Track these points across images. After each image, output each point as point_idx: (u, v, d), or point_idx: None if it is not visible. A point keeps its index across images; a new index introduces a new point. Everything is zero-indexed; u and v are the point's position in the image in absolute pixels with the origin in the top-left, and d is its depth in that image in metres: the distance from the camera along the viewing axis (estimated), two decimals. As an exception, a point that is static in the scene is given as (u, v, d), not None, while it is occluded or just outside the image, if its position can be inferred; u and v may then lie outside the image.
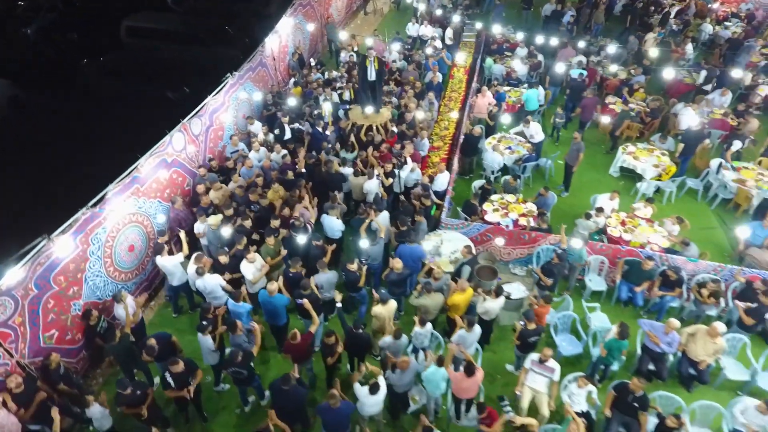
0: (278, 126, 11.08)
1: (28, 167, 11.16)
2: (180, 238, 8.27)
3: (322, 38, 16.89)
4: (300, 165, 9.79)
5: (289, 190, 9.23)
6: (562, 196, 10.92)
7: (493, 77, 14.27)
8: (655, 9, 17.96)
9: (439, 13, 16.69)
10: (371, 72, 10.07)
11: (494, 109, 12.13)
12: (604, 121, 11.79)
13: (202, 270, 7.52)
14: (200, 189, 9.12)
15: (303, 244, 8.22)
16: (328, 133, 10.83)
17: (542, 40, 14.09)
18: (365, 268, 7.91)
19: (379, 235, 8.22)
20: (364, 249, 8.13)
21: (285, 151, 10.11)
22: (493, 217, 9.46)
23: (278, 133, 11.03)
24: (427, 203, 9.13)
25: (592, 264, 8.67)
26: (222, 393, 7.59)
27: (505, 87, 13.50)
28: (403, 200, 9.42)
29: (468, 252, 7.98)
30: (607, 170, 11.59)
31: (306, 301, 7.08)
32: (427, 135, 11.15)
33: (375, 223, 8.32)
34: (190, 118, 9.42)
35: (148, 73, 13.57)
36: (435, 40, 14.96)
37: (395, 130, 10.87)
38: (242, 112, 11.44)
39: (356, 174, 9.52)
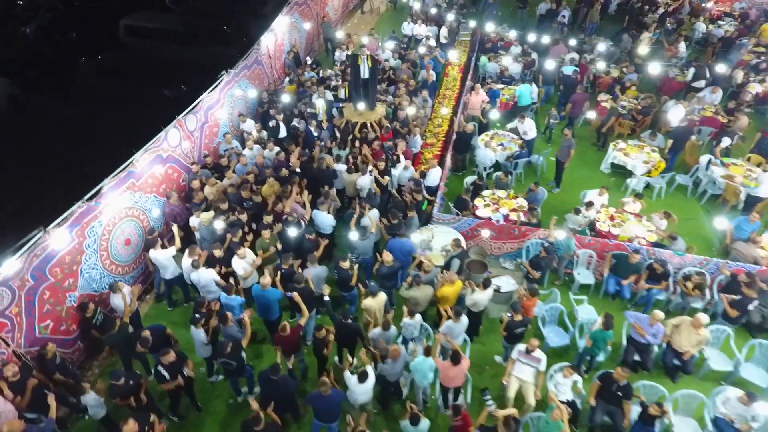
0: (273, 124, 11.20)
1: (27, 163, 11.30)
2: (173, 232, 8.41)
3: (318, 37, 17.03)
4: (294, 163, 9.94)
5: (283, 186, 9.37)
6: (553, 192, 11.06)
7: (488, 75, 14.42)
8: (650, 8, 18.09)
9: (434, 11, 16.84)
10: (364, 70, 10.20)
11: (487, 107, 12.27)
12: (590, 116, 11.91)
13: (198, 263, 7.66)
14: (195, 185, 9.25)
15: (296, 238, 8.38)
16: (321, 130, 10.96)
17: (538, 39, 14.24)
18: (356, 266, 8.00)
19: (369, 230, 8.35)
20: (354, 242, 8.26)
21: (278, 149, 10.25)
22: (484, 213, 9.60)
23: (273, 130, 11.16)
24: (419, 198, 9.27)
25: (580, 258, 8.81)
26: (215, 384, 7.73)
27: (499, 85, 13.63)
28: (394, 195, 9.54)
29: (457, 245, 8.12)
30: (598, 167, 11.73)
31: (295, 294, 7.20)
32: (420, 132, 11.28)
33: (366, 219, 8.45)
34: (185, 114, 9.56)
35: (146, 71, 13.68)
36: (429, 39, 15.10)
37: (389, 127, 11.01)
38: (238, 110, 11.59)
39: (349, 171, 9.65)
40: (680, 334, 7.24)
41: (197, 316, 7.02)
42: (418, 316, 7.27)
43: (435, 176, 9.97)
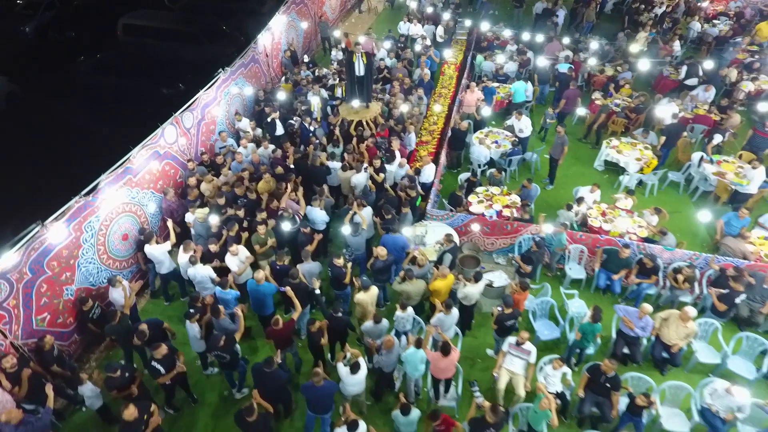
0: (268, 122, 11.29)
1: (25, 159, 11.41)
2: (168, 228, 8.52)
3: (315, 36, 17.14)
4: (290, 160, 10.04)
5: (278, 183, 9.46)
6: (547, 189, 11.18)
7: (483, 74, 14.52)
8: (646, 7, 18.19)
9: (430, 11, 16.96)
10: (359, 67, 10.31)
11: (481, 105, 12.38)
12: (580, 112, 12.11)
13: (195, 259, 7.76)
14: (191, 182, 9.35)
15: (291, 233, 8.48)
16: (315, 127, 11.06)
17: (533, 38, 14.35)
18: (350, 264, 8.07)
19: (361, 227, 8.44)
20: (346, 237, 8.36)
21: (273, 146, 10.34)
22: (478, 209, 9.71)
23: (270, 128, 11.24)
24: (413, 194, 9.37)
25: (572, 253, 8.92)
26: (210, 377, 7.83)
27: (494, 83, 13.73)
28: (388, 191, 9.63)
29: (449, 240, 8.23)
30: (591, 164, 11.83)
31: (288, 289, 7.31)
32: (415, 130, 11.37)
33: (358, 216, 8.56)
34: (182, 111, 9.67)
35: (144, 70, 13.80)
36: (424, 39, 15.22)
37: (385, 124, 11.11)
38: (234, 107, 11.69)
39: (344, 168, 9.75)
40: (668, 327, 7.34)
41: (191, 311, 7.11)
42: (410, 309, 7.37)
43: (429, 173, 10.06)
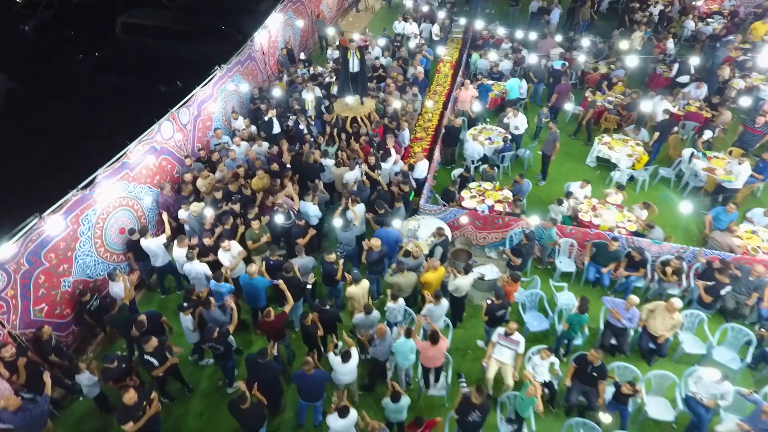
0: (264, 121, 11.38)
1: (24, 155, 11.53)
2: (163, 221, 8.65)
3: (313, 35, 17.28)
4: (285, 157, 10.16)
5: (273, 179, 9.58)
6: (539, 185, 11.31)
7: (478, 71, 14.65)
8: (640, 6, 18.32)
9: (426, 9, 17.10)
10: (353, 63, 10.44)
11: (474, 101, 12.53)
12: (568, 108, 12.34)
13: (192, 255, 7.89)
14: (187, 178, 9.47)
15: (285, 227, 8.61)
16: (311, 125, 11.18)
17: (528, 36, 14.48)
18: (342, 261, 8.18)
19: (353, 222, 8.55)
20: (337, 232, 8.48)
21: (266, 144, 10.47)
22: (470, 204, 9.84)
23: (266, 126, 11.33)
24: (406, 189, 9.51)
25: (562, 247, 9.05)
26: (206, 367, 7.96)
27: (489, 81, 13.85)
28: (381, 186, 9.74)
29: (440, 234, 8.37)
30: (584, 160, 11.96)
31: (281, 282, 7.44)
32: (409, 127, 11.49)
33: (350, 212, 8.67)
34: (178, 107, 9.81)
35: (143, 68, 13.94)
36: (417, 37, 15.38)
37: (380, 121, 11.24)
38: (231, 104, 11.83)
39: (338, 165, 9.88)
40: (655, 318, 7.48)
41: (184, 304, 7.23)
42: (401, 300, 7.50)
43: (422, 169, 10.20)
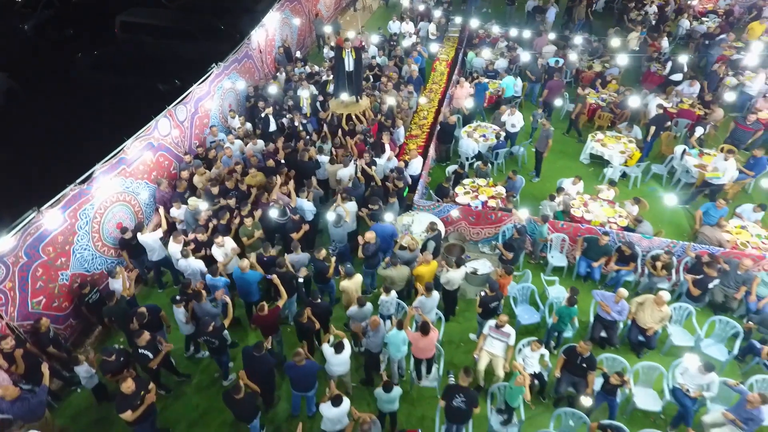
0: (261, 119, 11.48)
1: (24, 152, 11.64)
2: (160, 216, 8.76)
3: (310, 33, 17.40)
4: (280, 155, 10.28)
5: (268, 176, 9.68)
6: (533, 182, 11.43)
7: (474, 70, 14.77)
8: (636, 5, 18.43)
9: (422, 8, 17.23)
10: (349, 62, 10.55)
11: (468, 99, 12.65)
12: (558, 103, 12.53)
13: (187, 252, 7.99)
14: (183, 175, 9.57)
15: (280, 223, 8.72)
16: (305, 122, 11.30)
17: (524, 35, 14.58)
18: (334, 259, 8.27)
19: (344, 219, 8.65)
20: (329, 226, 8.57)
21: (261, 141, 10.59)
22: (464, 199, 9.96)
23: (263, 124, 11.45)
24: (400, 185, 9.63)
25: (554, 241, 9.17)
26: (201, 360, 8.07)
27: (485, 79, 13.96)
28: (376, 181, 9.85)
29: (432, 229, 8.49)
30: (577, 157, 12.07)
31: (275, 277, 7.54)
32: (404, 124, 11.61)
33: (342, 208, 8.77)
34: (175, 104, 9.93)
35: (141, 66, 14.05)
36: (411, 36, 15.52)
37: (375, 119, 11.35)
38: (228, 102, 11.95)
39: (331, 162, 9.97)
40: (644, 311, 7.59)
41: (177, 297, 7.34)
42: (393, 293, 7.61)
43: (416, 166, 10.32)
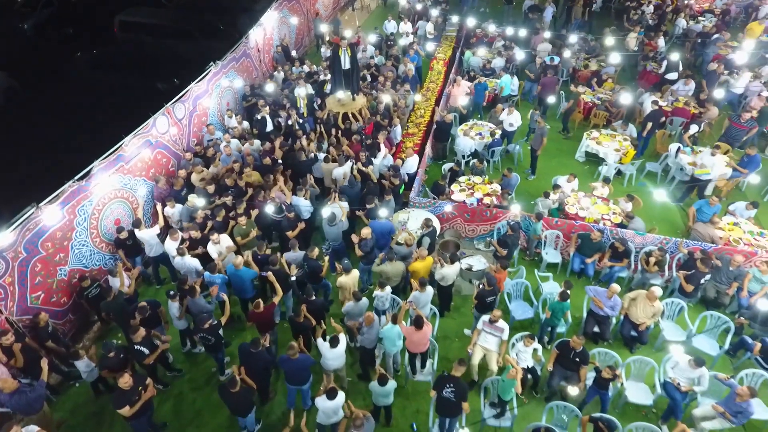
0: (257, 120, 11.54)
1: (23, 150, 11.74)
2: (158, 213, 8.86)
3: (309, 33, 17.48)
4: (277, 153, 10.35)
5: (265, 175, 9.76)
6: (529, 180, 11.52)
7: (471, 68, 14.85)
8: (632, 5, 18.50)
9: (419, 7, 17.32)
10: (345, 60, 10.63)
11: (464, 97, 12.75)
12: (551, 101, 12.65)
13: (183, 250, 8.07)
14: (181, 173, 9.65)
15: (276, 220, 8.81)
16: (301, 121, 11.37)
17: (518, 33, 14.69)
18: (327, 258, 8.33)
19: (339, 218, 8.71)
20: (324, 226, 8.66)
21: (258, 141, 10.68)
22: (460, 197, 10.04)
23: (260, 124, 11.51)
24: (396, 182, 9.72)
25: (548, 238, 9.25)
26: (198, 355, 8.15)
27: (485, 79, 14.03)
28: (371, 178, 9.92)
29: (427, 225, 8.58)
30: (573, 155, 12.15)
31: (270, 274, 7.62)
32: (401, 122, 11.68)
33: (337, 207, 8.84)
34: (173, 102, 10.01)
35: (140, 65, 14.15)
36: (408, 35, 15.61)
37: (371, 118, 11.43)
38: (226, 100, 12.03)
39: (326, 160, 10.06)
40: (636, 306, 7.68)
41: (171, 292, 7.41)
42: (388, 289, 7.70)
43: (412, 164, 10.39)
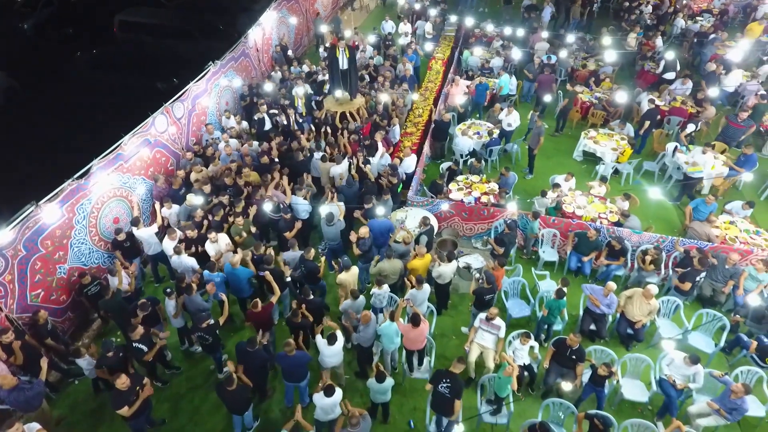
0: (259, 117, 11.58)
1: (23, 149, 11.79)
2: (156, 212, 8.90)
3: (308, 32, 17.53)
4: (274, 153, 10.39)
5: (263, 174, 9.79)
6: (526, 179, 11.56)
7: (469, 68, 14.91)
8: (630, 5, 18.55)
9: (417, 7, 17.38)
10: (343, 60, 10.67)
11: (462, 97, 12.80)
12: (547, 99, 12.72)
13: (180, 249, 8.10)
14: (180, 173, 9.67)
15: (274, 219, 8.85)
16: (300, 121, 11.42)
17: (518, 33, 14.74)
18: (323, 258, 8.37)
19: (338, 217, 8.75)
20: (322, 225, 8.70)
21: (256, 143, 10.74)
22: (457, 196, 10.09)
23: (258, 123, 11.56)
24: (394, 181, 9.76)
25: (545, 237, 9.29)
26: (196, 353, 8.19)
27: (485, 79, 14.06)
28: (369, 181, 9.96)
29: (425, 223, 8.62)
30: (571, 154, 12.20)
31: (267, 273, 7.66)
32: (399, 122, 11.72)
33: (335, 206, 8.87)
34: (172, 101, 10.06)
35: (140, 65, 14.18)
36: (408, 36, 15.65)
37: (368, 118, 11.47)
38: (225, 99, 12.08)
39: (323, 159, 10.10)
40: (633, 304, 7.72)
41: (167, 289, 7.45)
42: (385, 287, 7.73)
43: (410, 163, 10.43)
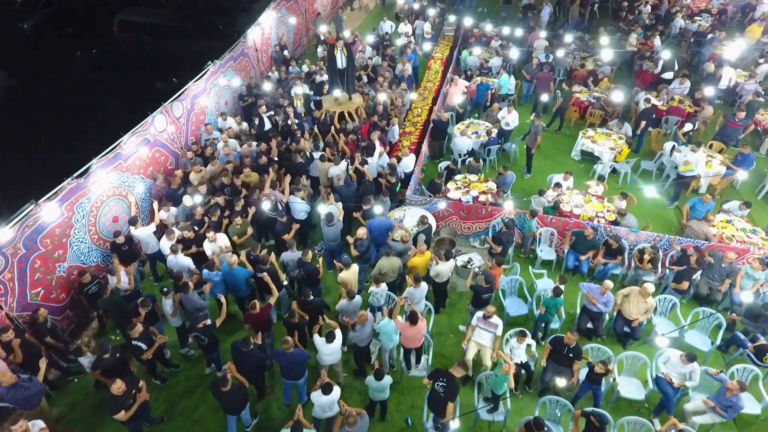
0: (257, 117, 11.61)
1: (23, 149, 11.84)
2: (154, 211, 8.92)
3: (307, 32, 17.57)
4: (273, 153, 10.43)
5: (261, 174, 9.81)
6: (524, 178, 11.60)
7: (468, 68, 14.94)
8: (629, 5, 18.59)
9: (416, 7, 17.42)
10: (341, 60, 10.70)
11: (461, 96, 12.84)
12: (544, 98, 12.76)
13: (176, 248, 8.12)
14: (178, 172, 9.70)
15: (271, 218, 8.88)
16: (299, 121, 11.45)
17: (514, 33, 14.78)
18: (321, 259, 8.38)
19: (337, 218, 8.76)
20: (322, 226, 8.73)
21: (255, 143, 10.78)
22: (456, 195, 10.12)
23: (257, 124, 11.60)
24: (393, 180, 9.80)
25: (543, 235, 9.33)
26: (192, 355, 8.21)
27: (485, 79, 14.10)
28: (367, 181, 9.98)
29: (422, 222, 8.66)
30: (569, 154, 12.24)
31: (265, 275, 7.68)
32: (398, 122, 11.76)
33: (334, 207, 8.90)
34: (171, 101, 10.09)
35: (139, 65, 14.23)
36: (407, 36, 15.71)
37: (366, 118, 11.50)
38: (224, 99, 12.11)
39: (322, 159, 10.12)
40: (629, 302, 7.76)
41: (164, 288, 7.48)
42: (383, 285, 7.77)
43: (409, 162, 10.45)
